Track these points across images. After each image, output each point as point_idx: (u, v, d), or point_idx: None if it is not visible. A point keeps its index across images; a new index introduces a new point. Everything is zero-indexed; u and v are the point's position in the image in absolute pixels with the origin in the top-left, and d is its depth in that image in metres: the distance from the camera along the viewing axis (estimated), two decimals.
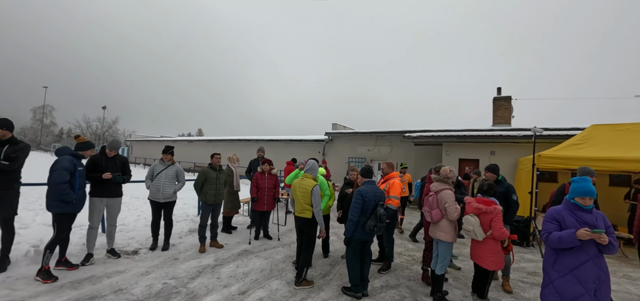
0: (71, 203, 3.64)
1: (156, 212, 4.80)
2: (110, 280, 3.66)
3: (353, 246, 3.58)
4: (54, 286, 3.38)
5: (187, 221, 6.49)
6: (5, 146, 3.62)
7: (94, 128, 54.12)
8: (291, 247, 5.44)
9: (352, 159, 16.35)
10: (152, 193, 4.71)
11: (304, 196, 3.77)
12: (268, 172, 5.80)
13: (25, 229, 5.07)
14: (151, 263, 4.28)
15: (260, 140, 21.82)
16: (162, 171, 4.74)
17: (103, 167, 4.17)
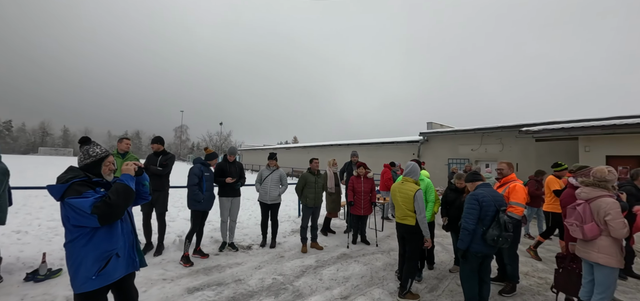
0: (201, 202, 4.38)
1: (265, 212, 5.31)
2: (231, 270, 4.19)
3: (470, 261, 3.09)
4: (192, 270, 4.08)
5: (289, 222, 6.97)
6: (159, 156, 4.66)
7: (214, 141, 65.41)
8: (391, 255, 5.16)
9: (452, 161, 14.73)
10: (260, 195, 5.24)
11: (405, 201, 3.49)
12: (364, 175, 5.69)
13: (172, 222, 6.37)
14: (262, 258, 4.72)
15: (352, 144, 22.05)
16: (268, 175, 5.22)
17: (227, 171, 4.88)
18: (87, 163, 1.94)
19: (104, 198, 1.78)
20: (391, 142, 19.04)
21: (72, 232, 1.81)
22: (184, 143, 79.71)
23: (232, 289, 3.61)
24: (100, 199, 1.77)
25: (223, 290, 3.56)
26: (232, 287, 3.66)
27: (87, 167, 1.94)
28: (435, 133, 16.09)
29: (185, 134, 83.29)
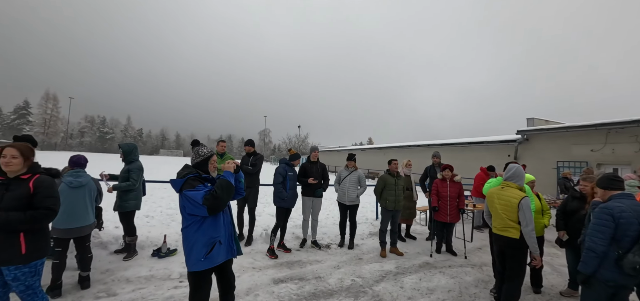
0: (285, 199, 4.66)
1: (343, 213, 5.34)
2: (312, 266, 4.34)
3: (596, 290, 2.46)
4: (276, 263, 4.38)
5: (367, 224, 6.86)
6: (250, 157, 5.17)
7: (293, 143, 69.67)
8: (483, 270, 4.55)
9: (564, 164, 12.24)
10: (339, 196, 5.29)
11: (506, 209, 3.01)
12: (450, 179, 5.19)
13: (259, 217, 6.98)
14: (340, 258, 4.75)
15: (433, 144, 20.50)
16: (346, 176, 5.23)
17: (309, 172, 5.09)
18: (197, 162, 2.27)
19: (211, 191, 2.06)
20: (480, 142, 16.96)
21: (187, 219, 2.14)
22: (267, 145, 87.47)
23: (313, 285, 3.72)
24: (209, 192, 2.05)
25: (304, 285, 3.70)
26: (312, 283, 3.78)
27: (197, 164, 2.27)
28: (539, 132, 13.60)
29: (268, 137, 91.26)
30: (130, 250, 4.22)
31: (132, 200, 4.18)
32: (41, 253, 2.21)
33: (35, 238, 2.16)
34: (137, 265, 3.96)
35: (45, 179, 2.21)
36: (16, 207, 2.06)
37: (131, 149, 4.30)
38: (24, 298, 2.17)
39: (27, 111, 68.17)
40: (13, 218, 2.01)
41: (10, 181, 2.13)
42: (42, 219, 2.13)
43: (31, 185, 2.15)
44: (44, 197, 2.15)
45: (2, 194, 2.07)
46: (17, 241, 2.07)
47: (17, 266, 2.08)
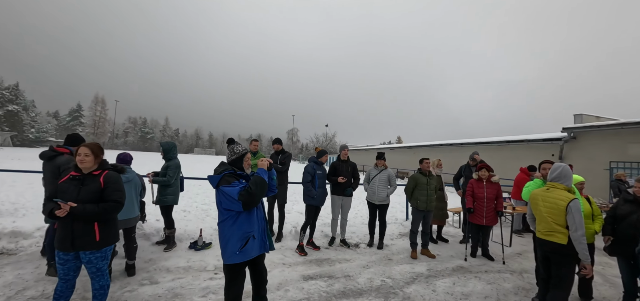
0: (314, 197, 4.70)
1: (372, 212, 5.28)
2: (341, 265, 4.34)
3: None
4: (306, 260, 4.43)
5: (397, 224, 6.72)
6: (279, 155, 5.27)
7: (321, 142, 69.97)
8: (524, 277, 4.27)
9: (618, 165, 11.12)
10: (368, 195, 5.23)
11: (552, 212, 2.80)
12: (487, 178, 4.92)
13: (288, 214, 7.09)
14: (369, 258, 4.70)
15: (466, 143, 19.58)
16: (376, 175, 5.16)
17: (339, 170, 5.07)
18: (233, 159, 2.37)
19: (246, 188, 2.14)
20: (520, 140, 15.89)
21: (223, 214, 2.24)
22: (294, 144, 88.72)
23: (342, 283, 3.72)
24: (244, 188, 2.13)
25: (334, 283, 3.71)
26: (342, 282, 3.78)
27: (233, 162, 2.37)
28: (589, 129, 12.45)
29: (295, 136, 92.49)
30: (170, 242, 4.50)
31: (170, 195, 4.44)
32: (111, 241, 2.48)
33: (106, 227, 2.42)
34: (176, 256, 4.21)
35: (113, 175, 2.47)
36: (90, 200, 2.33)
37: (170, 147, 4.57)
38: (93, 278, 2.45)
39: (80, 113, 74.94)
40: (89, 210, 2.28)
41: (85, 177, 2.40)
42: (111, 211, 2.38)
43: (102, 180, 2.41)
44: (112, 190, 2.41)
45: (79, 188, 2.34)
46: (92, 229, 2.34)
47: (91, 251, 2.36)
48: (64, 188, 2.34)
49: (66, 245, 2.31)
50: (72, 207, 2.22)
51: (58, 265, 2.37)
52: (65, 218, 2.27)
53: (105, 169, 2.49)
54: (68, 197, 2.28)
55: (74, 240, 2.30)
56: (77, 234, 2.30)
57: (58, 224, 2.35)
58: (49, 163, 3.36)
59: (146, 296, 3.12)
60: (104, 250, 2.43)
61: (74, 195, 2.30)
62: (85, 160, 2.37)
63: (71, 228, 2.30)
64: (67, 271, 2.38)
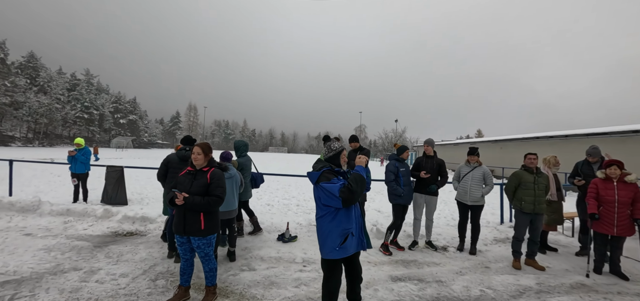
0: (401, 196, 4.48)
1: (463, 213, 4.80)
2: (430, 269, 4.05)
3: None
4: (391, 260, 4.28)
5: (489, 228, 6.00)
6: (356, 153, 5.21)
7: (390, 138, 67.74)
8: None
9: None
10: (459, 194, 4.77)
11: None
12: (618, 178, 3.98)
13: (366, 211, 7.01)
14: (462, 264, 4.28)
15: (574, 135, 16.33)
16: (468, 173, 4.67)
17: (423, 166, 4.75)
18: (330, 156, 2.40)
19: (347, 184, 2.13)
20: None
21: (322, 210, 2.28)
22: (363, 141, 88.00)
23: (434, 289, 3.46)
24: (345, 185, 2.13)
25: (425, 287, 3.48)
26: (434, 287, 3.52)
27: (330, 158, 2.39)
28: None
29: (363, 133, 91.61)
30: (256, 227, 4.96)
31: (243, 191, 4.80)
32: (214, 230, 2.82)
33: (210, 218, 2.76)
34: (267, 247, 4.54)
35: (218, 172, 2.83)
36: (199, 193, 2.69)
37: (240, 145, 5.00)
38: (203, 261, 2.83)
39: (178, 119, 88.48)
40: (196, 201, 2.63)
41: (197, 172, 2.80)
42: (214, 204, 2.69)
43: (208, 176, 2.76)
44: (215, 186, 2.75)
45: (191, 182, 2.72)
46: (199, 219, 2.69)
47: (198, 237, 2.71)
48: (181, 180, 2.77)
49: (180, 229, 2.71)
50: (185, 197, 2.58)
51: (178, 246, 2.82)
52: (181, 207, 2.64)
53: (212, 166, 2.84)
54: (183, 188, 2.69)
55: (185, 225, 2.68)
56: (188, 221, 2.67)
57: (175, 211, 2.78)
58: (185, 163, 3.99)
59: (247, 280, 3.43)
60: (209, 237, 2.76)
61: (187, 187, 2.68)
62: (198, 158, 2.75)
63: (184, 215, 2.68)
64: (184, 251, 2.81)
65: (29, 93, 46.98)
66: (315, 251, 4.41)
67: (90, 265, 3.64)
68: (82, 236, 4.67)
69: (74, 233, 4.77)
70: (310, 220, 5.84)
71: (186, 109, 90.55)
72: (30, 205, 5.77)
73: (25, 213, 5.64)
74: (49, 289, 3.05)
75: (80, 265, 3.63)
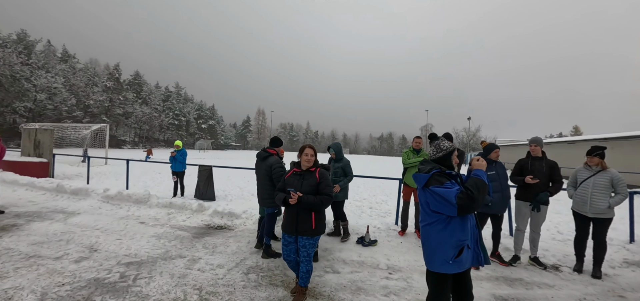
0: (489, 204, 3.87)
1: (582, 227, 3.95)
2: (541, 291, 3.42)
3: None
4: (489, 275, 3.73)
5: (615, 246, 4.85)
6: None
7: (461, 137, 62.05)
8: None
9: None
10: (576, 203, 3.94)
11: None
12: None
13: None
14: (584, 289, 3.51)
15: None
16: (589, 178, 3.83)
17: (528, 169, 4.06)
18: (439, 156, 2.14)
19: (467, 191, 1.85)
20: None
21: (430, 216, 2.04)
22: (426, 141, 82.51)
23: None
24: (463, 191, 1.85)
25: None
26: None
27: (439, 159, 2.14)
28: None
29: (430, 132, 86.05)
30: (345, 233, 4.82)
31: (341, 191, 4.72)
32: (321, 230, 2.84)
33: (320, 217, 2.80)
34: (347, 249, 4.44)
35: (324, 172, 2.87)
36: (310, 193, 2.74)
37: (340, 148, 4.86)
38: (303, 261, 2.84)
39: (249, 123, 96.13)
40: (311, 200, 2.70)
41: (304, 173, 2.87)
42: (325, 203, 2.73)
43: (317, 175, 2.82)
44: (325, 185, 2.80)
45: (301, 182, 2.81)
46: (310, 218, 2.74)
47: (307, 237, 2.75)
48: (290, 182, 2.86)
49: (291, 228, 2.78)
50: (300, 197, 2.65)
51: (282, 246, 2.89)
52: (292, 206, 2.73)
53: (318, 166, 2.89)
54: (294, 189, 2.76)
55: (297, 225, 2.75)
56: (300, 220, 2.74)
57: (285, 211, 2.86)
58: (262, 162, 4.14)
59: (333, 283, 3.36)
60: (316, 238, 2.80)
61: (298, 188, 2.74)
62: (310, 159, 2.84)
63: (296, 214, 2.76)
64: (288, 252, 2.88)
65: (135, 105, 56.52)
66: (399, 258, 4.14)
67: (191, 254, 4.04)
68: (183, 227, 5.26)
69: (176, 224, 5.40)
70: (389, 225, 5.57)
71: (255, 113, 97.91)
72: (142, 198, 6.79)
73: (138, 204, 6.64)
74: (162, 272, 3.46)
75: (184, 253, 4.05)
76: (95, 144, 22.75)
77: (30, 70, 40.89)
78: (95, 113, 49.06)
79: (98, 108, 49.70)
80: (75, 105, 46.30)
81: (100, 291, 2.99)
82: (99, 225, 5.21)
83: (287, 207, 2.78)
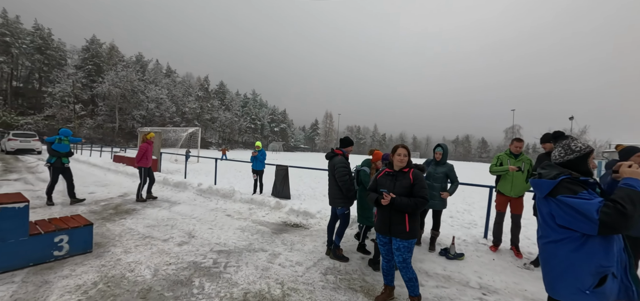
0: None
1: None
2: None
3: None
4: None
5: None
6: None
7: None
8: None
9: None
10: None
11: None
12: None
13: None
14: None
15: None
16: None
17: None
18: (570, 159, 1.72)
19: (616, 204, 1.42)
20: None
21: (558, 233, 1.64)
22: None
23: None
24: (609, 205, 1.44)
25: None
26: None
27: (570, 163, 1.72)
28: None
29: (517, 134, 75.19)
30: (433, 243, 4.44)
31: (438, 199, 4.34)
32: (415, 234, 2.67)
33: (414, 219, 2.65)
34: (429, 260, 4.06)
35: (419, 173, 2.71)
36: (403, 194, 2.63)
37: (447, 151, 4.44)
38: (401, 269, 2.68)
39: (317, 126, 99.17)
40: (405, 202, 2.57)
41: (397, 173, 2.75)
42: (420, 206, 2.58)
43: (411, 176, 2.68)
44: (420, 187, 2.63)
45: (394, 183, 2.70)
46: (404, 220, 2.62)
47: (401, 239, 2.63)
48: (382, 182, 2.78)
49: (384, 229, 2.72)
50: (392, 198, 2.56)
51: (379, 246, 2.86)
52: (385, 207, 2.67)
53: (411, 167, 2.73)
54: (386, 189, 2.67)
55: (390, 226, 2.67)
56: (394, 222, 2.65)
57: (379, 211, 2.80)
58: (330, 162, 4.13)
59: None
60: (410, 241, 2.64)
61: (390, 188, 2.67)
62: (404, 159, 2.71)
63: (389, 215, 2.67)
64: (386, 252, 2.83)
65: (220, 111, 63.90)
66: (494, 278, 3.59)
67: (272, 249, 4.23)
68: (263, 222, 5.59)
69: (257, 219, 5.78)
70: (476, 238, 4.94)
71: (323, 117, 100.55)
72: (228, 192, 7.50)
73: (225, 198, 7.36)
74: (247, 263, 3.69)
75: (265, 247, 4.27)
76: (189, 145, 26.47)
77: (144, 85, 50.05)
78: (189, 118, 57.16)
79: (191, 114, 57.81)
80: (175, 112, 54.79)
81: (198, 274, 3.33)
82: (195, 214, 5.92)
83: (379, 207, 2.74)
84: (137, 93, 47.96)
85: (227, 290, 3.03)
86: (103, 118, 45.79)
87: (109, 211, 5.89)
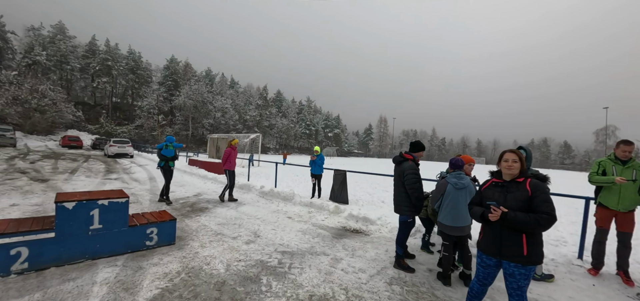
0: None
1: None
2: None
3: None
4: None
5: None
6: None
7: None
8: None
9: None
10: None
11: None
12: None
13: None
14: None
15: None
16: None
17: None
18: None
19: None
20: None
21: None
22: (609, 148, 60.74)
23: None
24: None
25: None
26: None
27: None
28: None
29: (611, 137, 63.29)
30: None
31: None
32: (537, 259, 2.18)
33: (534, 241, 2.17)
34: None
35: (540, 184, 2.24)
36: (518, 208, 2.17)
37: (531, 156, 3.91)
38: (511, 295, 2.26)
39: (371, 131, 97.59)
40: (521, 218, 2.11)
41: (508, 184, 2.31)
42: (544, 224, 2.08)
43: (528, 188, 2.21)
44: (542, 201, 2.13)
45: (505, 195, 2.26)
46: (520, 241, 2.16)
47: (516, 264, 2.19)
48: (488, 194, 2.38)
49: (493, 250, 2.30)
50: (504, 213, 2.16)
51: (479, 267, 2.45)
52: (494, 223, 2.25)
53: (528, 176, 2.30)
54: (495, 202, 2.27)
55: (501, 247, 2.25)
56: (505, 242, 2.22)
57: (485, 228, 2.41)
58: (397, 167, 3.96)
59: None
60: (529, 268, 2.17)
61: (500, 202, 2.25)
62: (513, 166, 2.28)
63: (500, 234, 2.25)
64: (486, 275, 2.40)
65: (277, 118, 67.34)
66: None
67: (333, 253, 4.21)
68: (322, 226, 5.64)
69: (317, 222, 5.85)
70: (569, 258, 4.23)
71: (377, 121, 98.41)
72: (288, 196, 7.77)
73: (285, 201, 7.63)
74: (310, 266, 3.73)
75: (327, 251, 4.27)
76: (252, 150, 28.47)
77: (212, 96, 55.50)
78: (250, 125, 61.42)
79: (252, 121, 62.05)
80: (237, 120, 59.48)
81: (265, 272, 3.48)
82: (258, 215, 6.25)
83: (486, 223, 2.32)
84: (206, 104, 53.46)
85: (292, 290, 3.09)
86: (179, 126, 52.10)
87: (187, 208, 6.57)
